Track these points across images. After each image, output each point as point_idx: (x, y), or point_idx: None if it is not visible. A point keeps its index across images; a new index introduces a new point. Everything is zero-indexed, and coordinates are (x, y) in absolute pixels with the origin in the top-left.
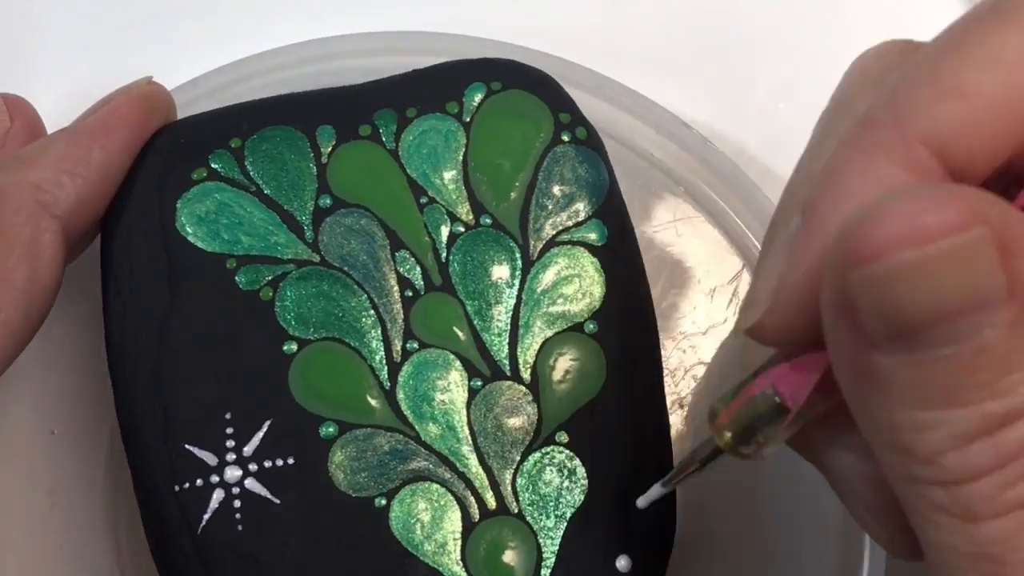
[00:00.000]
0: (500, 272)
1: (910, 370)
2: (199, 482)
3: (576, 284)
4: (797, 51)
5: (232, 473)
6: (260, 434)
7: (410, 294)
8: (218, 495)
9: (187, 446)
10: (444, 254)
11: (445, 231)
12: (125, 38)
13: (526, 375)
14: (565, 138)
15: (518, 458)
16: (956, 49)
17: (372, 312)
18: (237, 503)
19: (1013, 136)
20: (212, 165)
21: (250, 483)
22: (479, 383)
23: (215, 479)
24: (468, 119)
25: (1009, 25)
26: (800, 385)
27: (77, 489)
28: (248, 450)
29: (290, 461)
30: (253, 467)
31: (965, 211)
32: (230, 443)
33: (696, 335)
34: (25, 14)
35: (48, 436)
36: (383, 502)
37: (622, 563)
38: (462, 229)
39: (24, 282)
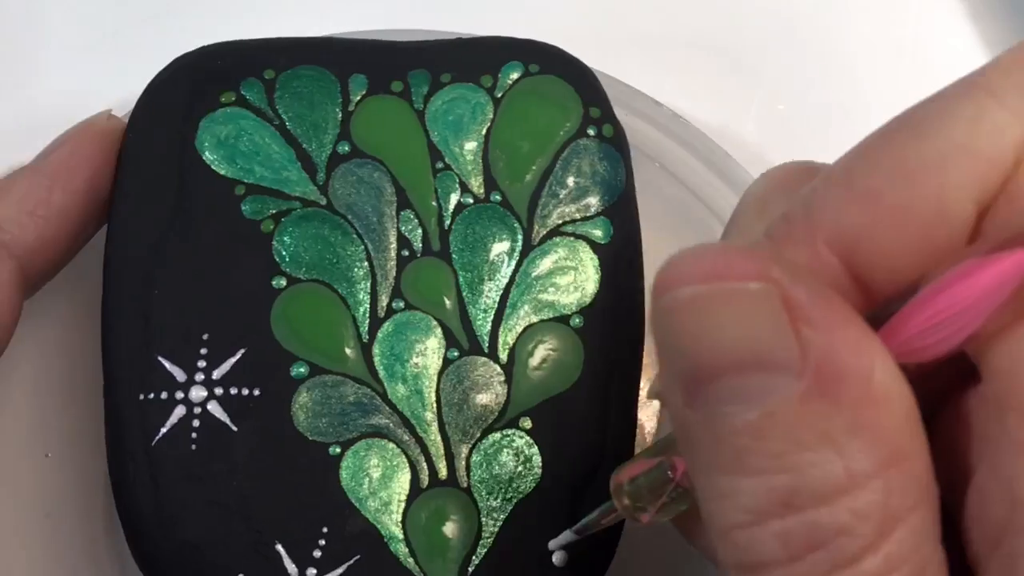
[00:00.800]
0: (499, 250)
1: (708, 427)
2: (164, 395)
3: (571, 276)
4: (797, 51)
5: (197, 393)
6: (232, 360)
7: (407, 254)
8: (179, 411)
9: (160, 358)
10: (448, 222)
11: (454, 199)
12: (125, 38)
13: (503, 355)
14: (591, 132)
15: (478, 434)
16: (868, 156)
17: (366, 264)
18: (196, 423)
19: (915, 249)
20: (242, 91)
21: (212, 406)
22: (455, 354)
23: (179, 395)
24: (499, 95)
25: (918, 138)
26: None
27: (76, 512)
28: (217, 374)
29: (255, 392)
30: (219, 391)
31: (753, 266)
32: (201, 363)
33: None
34: (25, 14)
35: (43, 459)
36: (338, 450)
37: (558, 557)
38: (471, 201)
39: None
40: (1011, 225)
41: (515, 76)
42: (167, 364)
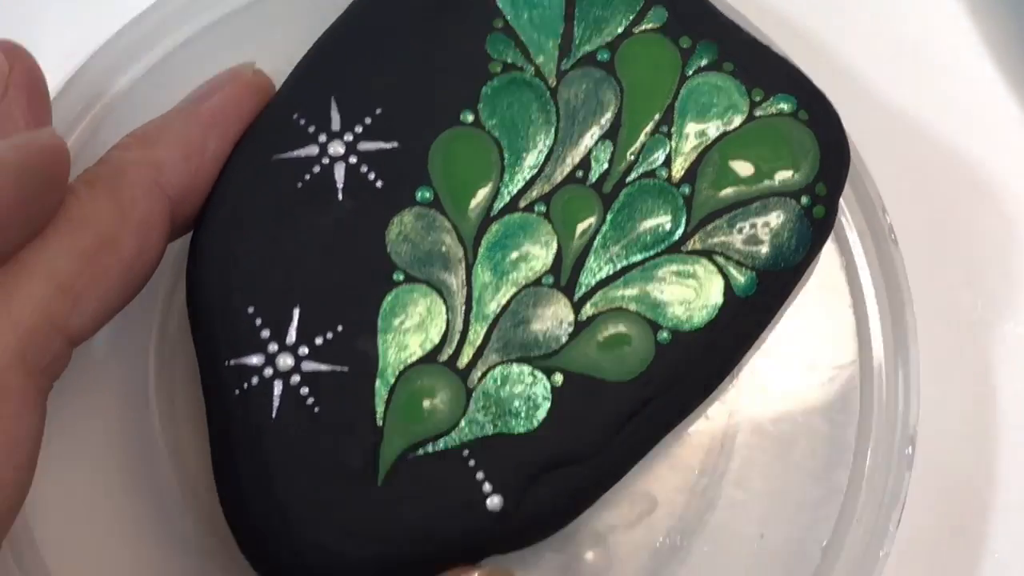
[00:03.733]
0: (650, 234)
1: None
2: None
3: (689, 296)
4: (796, 50)
5: (336, 148)
6: (385, 144)
7: (580, 175)
8: (322, 160)
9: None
10: (632, 177)
11: (650, 165)
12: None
13: (584, 315)
14: (803, 201)
15: (514, 357)
16: None
17: (543, 155)
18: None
19: None
20: None
21: (339, 165)
22: (550, 280)
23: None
24: (757, 114)
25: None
26: None
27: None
28: (354, 139)
29: (378, 185)
30: (352, 157)
31: None
32: (353, 130)
33: None
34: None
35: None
36: (400, 278)
37: (495, 501)
38: (664, 176)
39: (131, 255)
40: None
41: (783, 108)
42: (331, 111)
